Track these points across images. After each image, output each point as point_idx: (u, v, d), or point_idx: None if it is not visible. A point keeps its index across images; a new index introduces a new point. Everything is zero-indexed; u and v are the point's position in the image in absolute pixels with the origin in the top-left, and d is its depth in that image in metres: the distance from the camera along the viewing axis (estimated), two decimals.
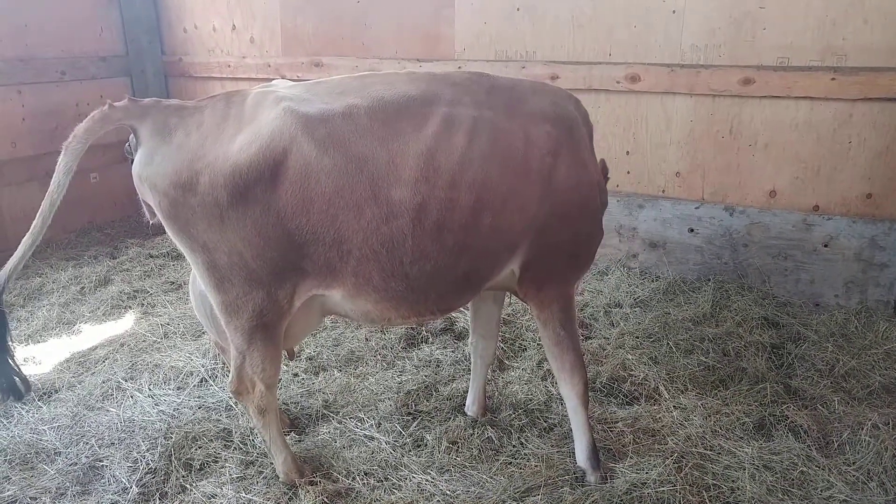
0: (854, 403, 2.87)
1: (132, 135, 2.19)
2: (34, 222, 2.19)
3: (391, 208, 2.12)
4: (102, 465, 2.56)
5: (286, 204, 2.08)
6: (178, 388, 3.09)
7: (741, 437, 2.68)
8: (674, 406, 2.89)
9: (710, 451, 2.58)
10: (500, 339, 3.42)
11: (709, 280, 4.03)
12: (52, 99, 5.06)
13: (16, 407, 2.93)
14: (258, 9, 5.24)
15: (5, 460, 2.60)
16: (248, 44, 5.36)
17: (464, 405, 2.90)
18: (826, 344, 3.31)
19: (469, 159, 2.18)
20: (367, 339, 3.53)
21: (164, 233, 5.31)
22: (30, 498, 2.41)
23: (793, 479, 2.42)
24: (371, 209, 2.11)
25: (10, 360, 2.25)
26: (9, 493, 2.42)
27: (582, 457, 2.49)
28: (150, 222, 2.32)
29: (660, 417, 2.81)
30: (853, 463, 2.51)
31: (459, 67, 4.52)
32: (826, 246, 3.76)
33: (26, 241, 2.19)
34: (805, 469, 2.46)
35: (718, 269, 4.08)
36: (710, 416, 2.80)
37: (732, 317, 3.60)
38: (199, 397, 3.01)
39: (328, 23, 4.99)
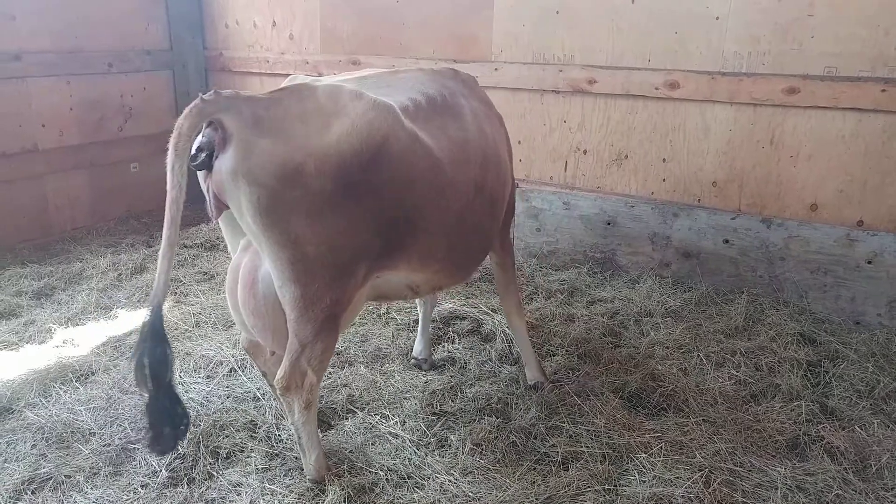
0: (894, 427, 2.78)
1: (209, 129, 2.08)
2: (165, 234, 2.05)
3: (463, 188, 2.50)
4: (134, 448, 2.62)
5: (384, 190, 2.20)
6: (208, 377, 3.13)
7: (773, 456, 2.61)
8: (703, 419, 2.83)
9: (741, 467, 2.52)
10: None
11: (742, 293, 3.94)
12: (99, 90, 5.19)
13: (55, 386, 3.02)
14: (298, 6, 5.31)
15: (43, 438, 2.67)
16: (288, 41, 5.44)
17: (489, 406, 2.89)
18: (866, 364, 3.21)
19: (493, 142, 2.75)
20: (394, 337, 3.55)
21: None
22: (64, 476, 2.47)
23: (827, 502, 2.35)
24: (449, 189, 2.43)
25: (170, 405, 2.09)
26: (45, 469, 2.49)
27: (537, 373, 3.07)
28: (215, 220, 2.23)
29: (688, 430, 2.75)
30: (892, 488, 2.43)
31: (496, 70, 4.52)
32: (870, 263, 3.64)
33: (164, 251, 2.06)
34: (840, 492, 2.38)
35: (753, 282, 3.99)
36: (740, 432, 2.74)
37: (766, 331, 3.52)
38: (227, 387, 3.05)
39: (366, 22, 5.02)
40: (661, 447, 2.62)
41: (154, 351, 2.05)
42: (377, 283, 2.44)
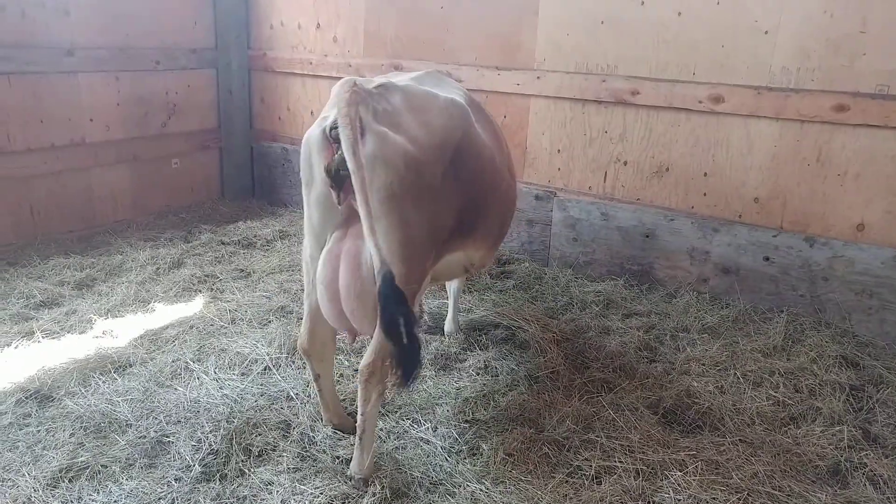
0: None
1: (341, 118, 2.16)
2: (365, 212, 2.08)
3: (503, 171, 2.84)
4: (169, 441, 2.66)
5: (465, 177, 2.48)
6: (243, 374, 3.17)
7: (813, 481, 2.54)
8: (740, 439, 2.77)
9: (779, 492, 2.46)
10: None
11: (782, 312, 3.86)
12: (145, 86, 5.31)
13: (94, 376, 3.08)
14: (343, 9, 5.36)
15: (81, 427, 2.73)
16: (331, 43, 5.49)
17: (522, 416, 2.87)
18: None
19: (501, 132, 3.15)
20: (426, 343, 3.54)
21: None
22: (101, 465, 2.51)
23: None
24: (498, 174, 2.77)
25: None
26: (82, 458, 2.54)
27: (455, 325, 3.63)
28: (340, 206, 2.29)
29: (724, 450, 2.69)
30: None
31: (538, 78, 4.50)
32: None
33: (370, 228, 2.09)
34: None
35: (793, 302, 3.90)
36: (779, 455, 2.67)
37: (807, 352, 3.43)
38: (261, 385, 3.08)
39: (410, 26, 5.05)
40: (696, 466, 2.57)
41: (400, 310, 2.06)
42: (437, 266, 2.62)
